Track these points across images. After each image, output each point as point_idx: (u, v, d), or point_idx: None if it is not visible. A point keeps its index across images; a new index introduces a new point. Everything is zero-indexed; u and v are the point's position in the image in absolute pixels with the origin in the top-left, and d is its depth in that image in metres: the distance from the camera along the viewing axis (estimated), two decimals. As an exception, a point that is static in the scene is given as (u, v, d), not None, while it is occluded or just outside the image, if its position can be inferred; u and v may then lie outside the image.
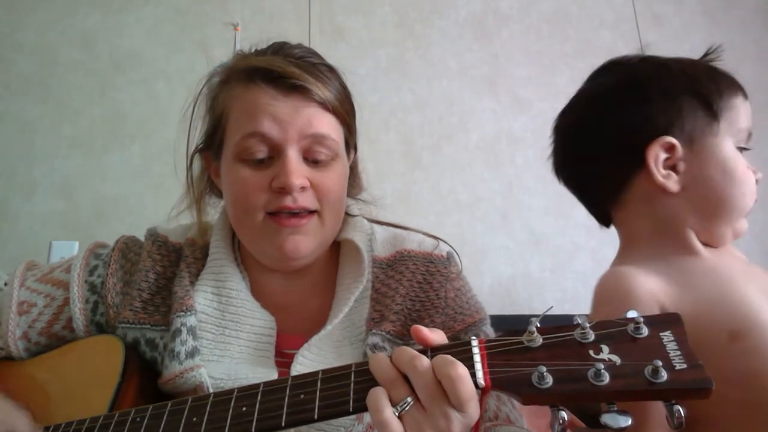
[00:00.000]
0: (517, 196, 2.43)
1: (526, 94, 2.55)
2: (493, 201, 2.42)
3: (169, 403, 0.68)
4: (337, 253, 0.97)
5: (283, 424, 0.61)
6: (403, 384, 0.59)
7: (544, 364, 0.55)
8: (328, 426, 0.78)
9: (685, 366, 0.51)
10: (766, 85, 2.64)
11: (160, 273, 0.92)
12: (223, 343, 0.85)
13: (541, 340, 0.57)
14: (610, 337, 0.55)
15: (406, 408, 0.57)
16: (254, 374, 0.81)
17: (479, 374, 0.57)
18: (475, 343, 0.60)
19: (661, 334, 0.54)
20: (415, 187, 2.40)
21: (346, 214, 0.98)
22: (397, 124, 2.46)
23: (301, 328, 0.89)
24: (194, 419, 0.65)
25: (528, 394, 0.55)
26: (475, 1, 2.66)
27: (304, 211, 0.85)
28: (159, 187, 2.27)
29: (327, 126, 0.87)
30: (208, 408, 0.65)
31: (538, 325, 0.58)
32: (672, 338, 0.53)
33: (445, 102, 2.52)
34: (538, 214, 2.41)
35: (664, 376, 0.51)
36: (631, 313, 0.56)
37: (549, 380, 0.54)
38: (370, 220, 1.02)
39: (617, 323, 0.56)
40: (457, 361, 0.57)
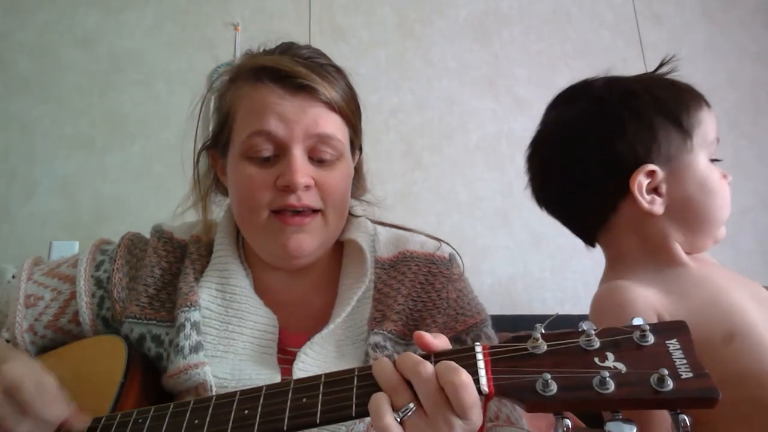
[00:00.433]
0: (517, 196, 2.42)
1: (526, 94, 2.55)
2: (493, 201, 2.42)
3: (171, 405, 0.68)
4: (340, 253, 0.98)
5: (285, 427, 0.61)
6: (405, 390, 0.58)
7: (548, 371, 0.54)
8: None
9: (691, 375, 0.51)
10: (766, 85, 2.64)
11: (166, 269, 0.93)
12: (227, 339, 0.86)
13: (545, 347, 0.57)
14: (616, 345, 0.55)
15: (409, 414, 0.57)
16: (258, 375, 0.82)
17: (483, 381, 0.57)
18: (479, 349, 0.60)
19: (667, 342, 0.54)
20: (415, 187, 2.40)
21: (350, 215, 0.98)
22: (397, 124, 2.46)
23: (304, 327, 0.90)
24: (196, 421, 0.65)
25: (532, 401, 0.55)
26: (476, 2, 2.66)
27: (307, 210, 0.86)
28: (159, 187, 2.26)
29: (333, 126, 0.88)
30: (210, 410, 0.65)
31: (543, 331, 0.58)
32: (678, 346, 0.53)
33: (446, 102, 2.51)
34: (539, 215, 2.38)
35: (670, 384, 0.50)
36: (636, 321, 0.56)
37: (553, 387, 0.54)
38: (373, 221, 1.03)
39: (623, 330, 0.55)
40: (461, 367, 0.57)
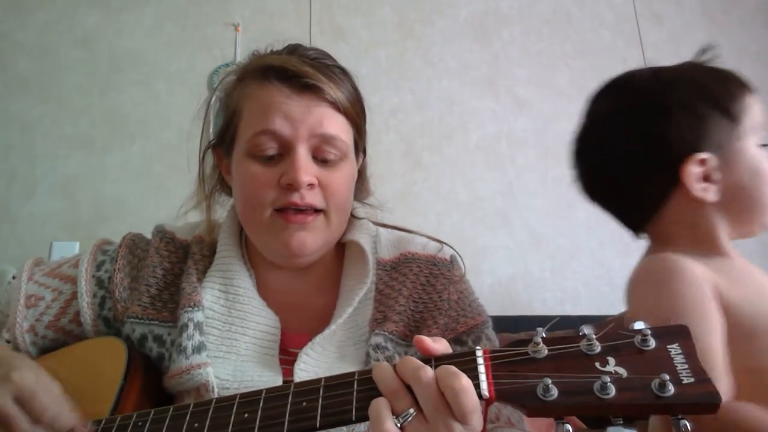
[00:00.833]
0: (517, 197, 2.43)
1: (527, 94, 2.55)
2: (493, 201, 2.42)
3: (171, 408, 0.68)
4: (342, 255, 0.98)
5: (286, 431, 0.61)
6: (406, 395, 0.58)
7: (549, 376, 0.54)
8: None
9: (693, 380, 0.50)
10: (767, 85, 2.64)
11: (168, 269, 0.93)
12: (230, 339, 0.86)
13: (546, 351, 0.57)
14: (617, 349, 0.55)
15: (409, 419, 0.57)
16: (260, 377, 0.82)
17: (483, 385, 0.57)
18: (479, 354, 0.60)
19: (668, 347, 0.53)
20: (415, 187, 2.40)
21: (352, 216, 0.98)
22: (397, 125, 2.46)
23: (305, 328, 0.90)
24: (196, 425, 0.65)
25: (533, 406, 0.54)
26: (476, 2, 2.66)
27: (310, 209, 0.86)
28: (159, 187, 2.26)
29: (337, 126, 0.88)
30: (210, 414, 0.65)
31: (544, 335, 0.58)
32: (680, 351, 0.53)
33: (446, 102, 2.52)
34: (538, 215, 2.41)
35: (671, 390, 0.50)
36: (638, 325, 0.55)
37: (554, 392, 0.53)
38: (375, 223, 1.03)
39: (624, 335, 0.55)
40: (461, 372, 0.57)
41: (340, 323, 0.88)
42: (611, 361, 0.54)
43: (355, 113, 0.92)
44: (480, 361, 0.59)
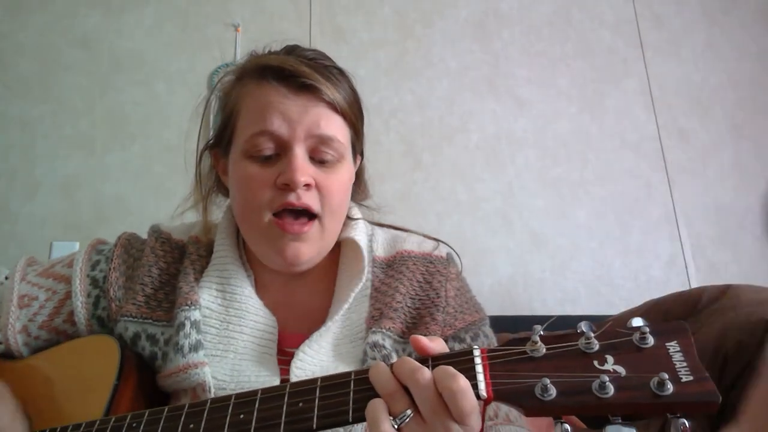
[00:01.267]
0: (518, 197, 2.42)
1: (527, 94, 2.55)
2: (494, 201, 2.41)
3: (166, 409, 0.68)
4: (337, 254, 0.98)
5: None
6: (403, 396, 0.58)
7: (547, 376, 0.54)
8: None
9: (692, 378, 0.50)
10: (766, 85, 2.64)
11: (163, 269, 0.93)
12: (227, 338, 0.85)
13: (544, 350, 0.56)
14: (615, 347, 0.54)
15: (406, 421, 0.57)
16: (257, 377, 0.82)
17: (481, 385, 0.56)
18: (477, 353, 0.59)
19: (667, 345, 0.53)
20: (415, 187, 2.40)
21: (348, 218, 0.98)
22: (397, 125, 2.46)
23: (302, 327, 0.90)
24: (191, 426, 0.64)
25: (531, 406, 0.54)
26: (476, 2, 2.65)
27: (306, 212, 0.86)
28: (160, 188, 2.26)
29: (335, 127, 0.88)
30: (206, 415, 0.64)
31: (542, 333, 0.57)
32: (678, 349, 0.52)
33: (446, 102, 2.51)
34: (539, 215, 2.41)
35: (670, 388, 0.49)
36: (636, 322, 0.55)
37: (552, 392, 0.53)
38: (370, 223, 1.03)
39: (622, 332, 0.55)
40: (459, 373, 0.56)
41: (336, 319, 0.88)
42: (610, 359, 0.53)
43: (353, 114, 0.92)
44: (478, 360, 0.58)
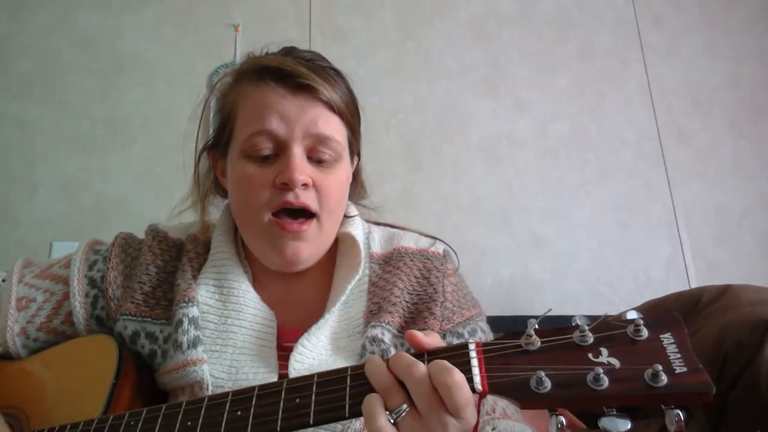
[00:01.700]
0: (518, 198, 2.42)
1: (527, 95, 2.55)
2: (494, 202, 2.41)
3: (164, 407, 0.68)
4: (335, 250, 0.98)
5: (279, 428, 0.61)
6: (399, 391, 0.58)
7: (542, 369, 0.54)
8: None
9: (686, 369, 0.50)
10: (767, 85, 2.64)
11: (161, 267, 0.94)
12: (226, 333, 0.86)
13: (539, 343, 0.56)
14: (610, 340, 0.54)
15: (402, 415, 0.57)
16: (255, 374, 0.82)
17: (476, 379, 0.57)
18: (472, 347, 0.59)
19: (661, 337, 0.53)
20: (415, 188, 2.40)
21: (345, 216, 0.99)
22: (397, 126, 2.46)
23: (300, 323, 0.90)
24: (189, 423, 0.64)
25: (526, 399, 0.54)
26: (476, 3, 2.66)
27: (304, 212, 0.86)
28: (160, 188, 2.27)
29: (332, 127, 0.89)
30: (203, 412, 0.65)
31: (537, 327, 0.58)
32: (672, 340, 0.52)
33: (446, 103, 2.51)
34: (539, 216, 2.41)
35: (664, 380, 0.50)
36: (630, 314, 0.55)
37: (547, 385, 0.53)
38: (367, 221, 1.04)
39: (617, 325, 0.55)
40: (454, 367, 0.56)
41: (334, 312, 0.88)
42: (604, 352, 0.54)
43: (350, 114, 0.93)
44: (473, 354, 0.59)
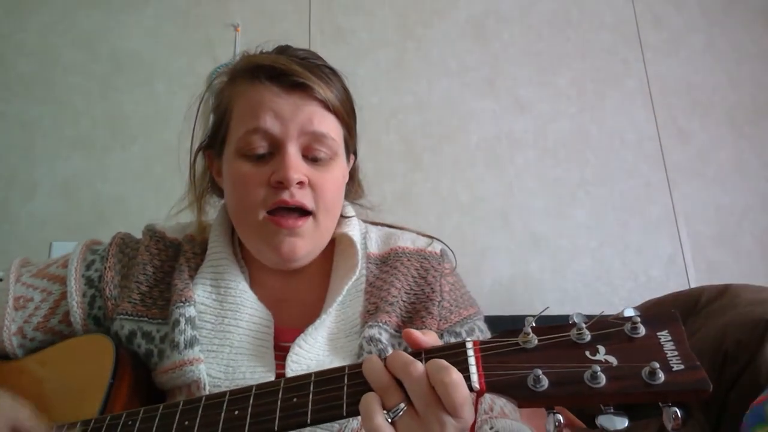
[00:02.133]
0: (518, 197, 2.42)
1: (527, 95, 2.55)
2: (494, 202, 2.41)
3: (161, 407, 0.68)
4: (332, 250, 0.98)
5: (276, 428, 0.61)
6: (396, 390, 0.58)
7: (539, 367, 0.54)
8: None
9: (683, 367, 0.50)
10: (767, 85, 2.64)
11: (158, 267, 0.94)
12: (223, 333, 0.86)
13: (536, 341, 0.56)
14: (607, 337, 0.54)
15: (400, 414, 0.57)
16: (252, 373, 0.82)
17: (474, 377, 0.57)
18: (469, 345, 0.59)
19: (658, 334, 0.53)
20: (415, 187, 2.40)
21: (342, 216, 0.99)
22: (397, 125, 2.46)
23: (297, 323, 0.90)
24: (186, 423, 0.64)
25: (523, 397, 0.54)
26: (476, 3, 2.65)
27: (300, 210, 0.86)
28: (159, 188, 2.27)
29: (327, 125, 0.88)
30: (200, 411, 0.65)
31: (534, 325, 0.58)
32: (669, 338, 0.52)
33: (446, 103, 2.51)
34: (539, 215, 2.41)
35: (662, 377, 0.50)
36: (628, 312, 0.55)
37: (545, 383, 0.53)
38: (364, 221, 1.04)
39: (614, 323, 0.55)
40: (451, 366, 0.56)
41: (331, 312, 0.88)
42: (601, 349, 0.54)
43: (345, 113, 0.93)
44: (470, 353, 0.59)
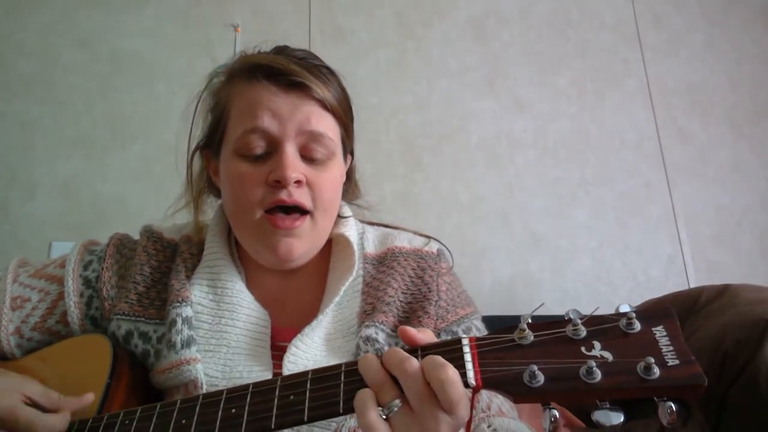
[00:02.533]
0: (517, 197, 2.42)
1: (526, 94, 2.55)
2: (493, 202, 2.41)
3: (158, 405, 0.68)
4: (329, 251, 0.98)
5: (273, 426, 0.61)
6: (391, 386, 0.58)
7: (535, 363, 0.54)
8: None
9: (678, 362, 0.50)
10: (767, 85, 2.64)
11: (155, 267, 0.94)
12: (220, 332, 0.86)
13: (532, 337, 0.56)
14: (602, 333, 0.54)
15: (394, 410, 0.57)
16: (249, 372, 0.82)
17: (470, 374, 0.57)
18: (465, 342, 0.59)
19: (653, 329, 0.53)
20: (415, 188, 2.40)
21: (339, 216, 0.99)
22: (397, 125, 2.46)
23: (294, 323, 0.90)
24: (183, 421, 0.65)
25: (519, 393, 0.54)
26: (476, 3, 2.66)
27: (298, 209, 0.86)
28: (159, 188, 2.26)
29: (325, 124, 0.89)
30: (198, 410, 0.65)
31: (530, 321, 0.58)
32: (664, 333, 0.52)
33: (446, 103, 2.51)
34: (538, 215, 2.41)
35: (657, 372, 0.50)
36: (623, 308, 0.55)
37: (540, 379, 0.53)
38: (361, 221, 1.04)
39: (609, 318, 0.55)
40: (447, 362, 0.56)
41: (328, 312, 0.88)
42: (597, 345, 0.54)
43: (343, 112, 0.93)
44: (466, 349, 0.59)
